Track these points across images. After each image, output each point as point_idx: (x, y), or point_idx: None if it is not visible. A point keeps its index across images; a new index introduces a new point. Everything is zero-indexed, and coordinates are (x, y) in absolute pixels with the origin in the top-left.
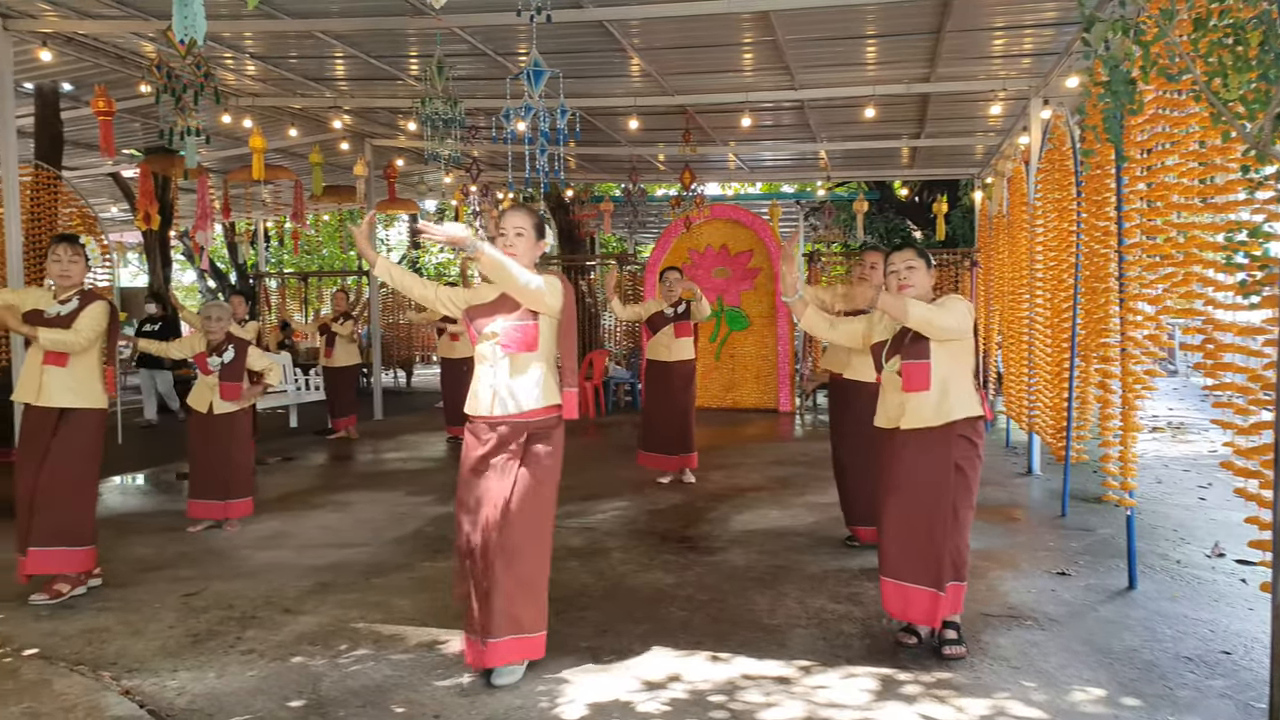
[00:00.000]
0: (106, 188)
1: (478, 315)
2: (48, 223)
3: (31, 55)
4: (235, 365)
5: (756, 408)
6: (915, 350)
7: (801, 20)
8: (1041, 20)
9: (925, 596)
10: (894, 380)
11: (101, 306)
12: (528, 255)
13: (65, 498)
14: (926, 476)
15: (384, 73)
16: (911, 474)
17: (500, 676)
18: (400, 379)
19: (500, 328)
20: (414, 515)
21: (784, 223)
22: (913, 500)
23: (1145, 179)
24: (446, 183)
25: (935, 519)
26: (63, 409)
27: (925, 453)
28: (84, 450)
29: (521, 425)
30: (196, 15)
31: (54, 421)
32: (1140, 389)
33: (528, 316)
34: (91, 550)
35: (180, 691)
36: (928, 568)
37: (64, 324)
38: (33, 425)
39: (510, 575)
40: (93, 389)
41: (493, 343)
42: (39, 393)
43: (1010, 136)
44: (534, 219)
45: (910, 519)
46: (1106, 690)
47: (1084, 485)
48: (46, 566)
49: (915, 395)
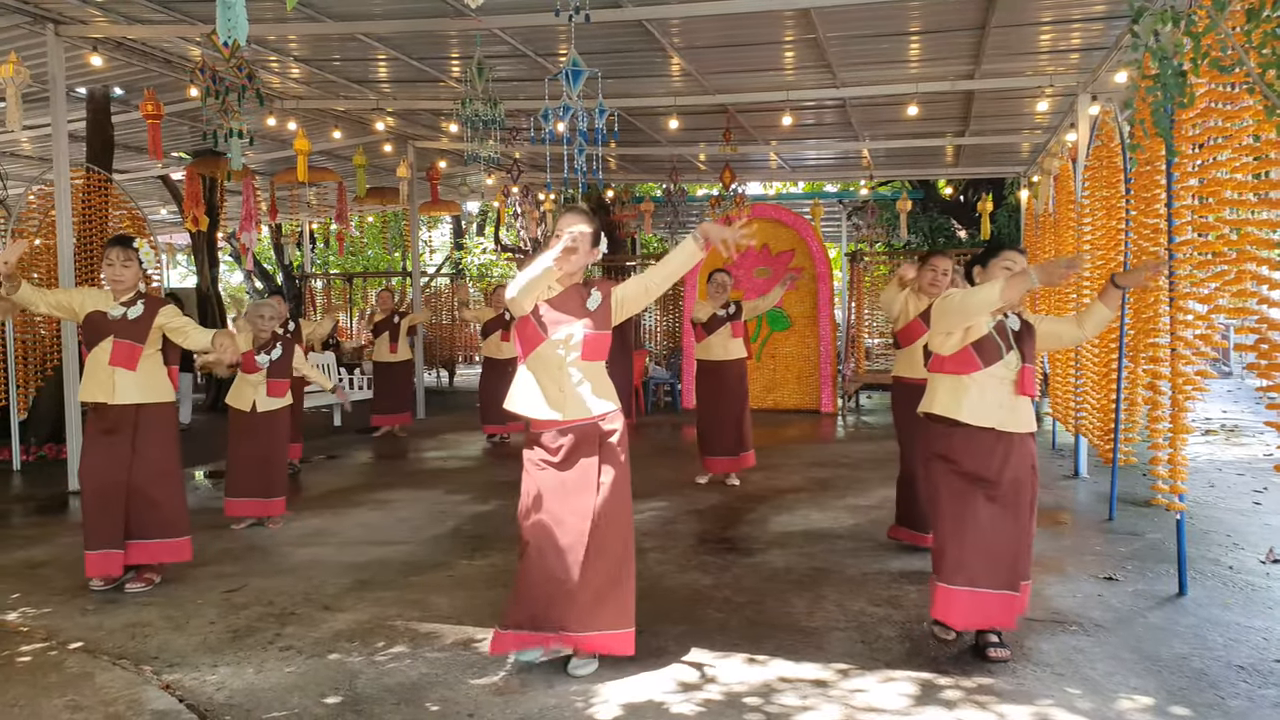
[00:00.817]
0: (156, 190)
1: (551, 313)
2: (98, 225)
3: (83, 60)
4: (283, 363)
5: (798, 408)
6: (1032, 353)
7: (843, 17)
8: (1090, 14)
9: (1005, 600)
10: (1004, 379)
11: (173, 307)
12: (581, 262)
13: (161, 489)
14: (1022, 482)
15: (426, 75)
16: (1014, 482)
17: (579, 668)
18: (443, 378)
19: (579, 334)
20: (453, 514)
21: (826, 222)
22: (1013, 507)
23: (1197, 174)
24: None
25: (1024, 523)
26: (139, 404)
27: (1022, 458)
28: (166, 442)
29: (593, 427)
30: (239, 17)
31: (133, 417)
32: (1190, 390)
33: (605, 326)
34: (188, 540)
35: (219, 687)
36: (1009, 571)
37: (135, 330)
38: (109, 423)
39: (603, 572)
40: (162, 384)
41: (565, 348)
42: (114, 392)
43: (1057, 133)
44: (592, 225)
45: (1006, 526)
46: (1154, 698)
47: (1132, 489)
48: (151, 557)
49: (1023, 400)
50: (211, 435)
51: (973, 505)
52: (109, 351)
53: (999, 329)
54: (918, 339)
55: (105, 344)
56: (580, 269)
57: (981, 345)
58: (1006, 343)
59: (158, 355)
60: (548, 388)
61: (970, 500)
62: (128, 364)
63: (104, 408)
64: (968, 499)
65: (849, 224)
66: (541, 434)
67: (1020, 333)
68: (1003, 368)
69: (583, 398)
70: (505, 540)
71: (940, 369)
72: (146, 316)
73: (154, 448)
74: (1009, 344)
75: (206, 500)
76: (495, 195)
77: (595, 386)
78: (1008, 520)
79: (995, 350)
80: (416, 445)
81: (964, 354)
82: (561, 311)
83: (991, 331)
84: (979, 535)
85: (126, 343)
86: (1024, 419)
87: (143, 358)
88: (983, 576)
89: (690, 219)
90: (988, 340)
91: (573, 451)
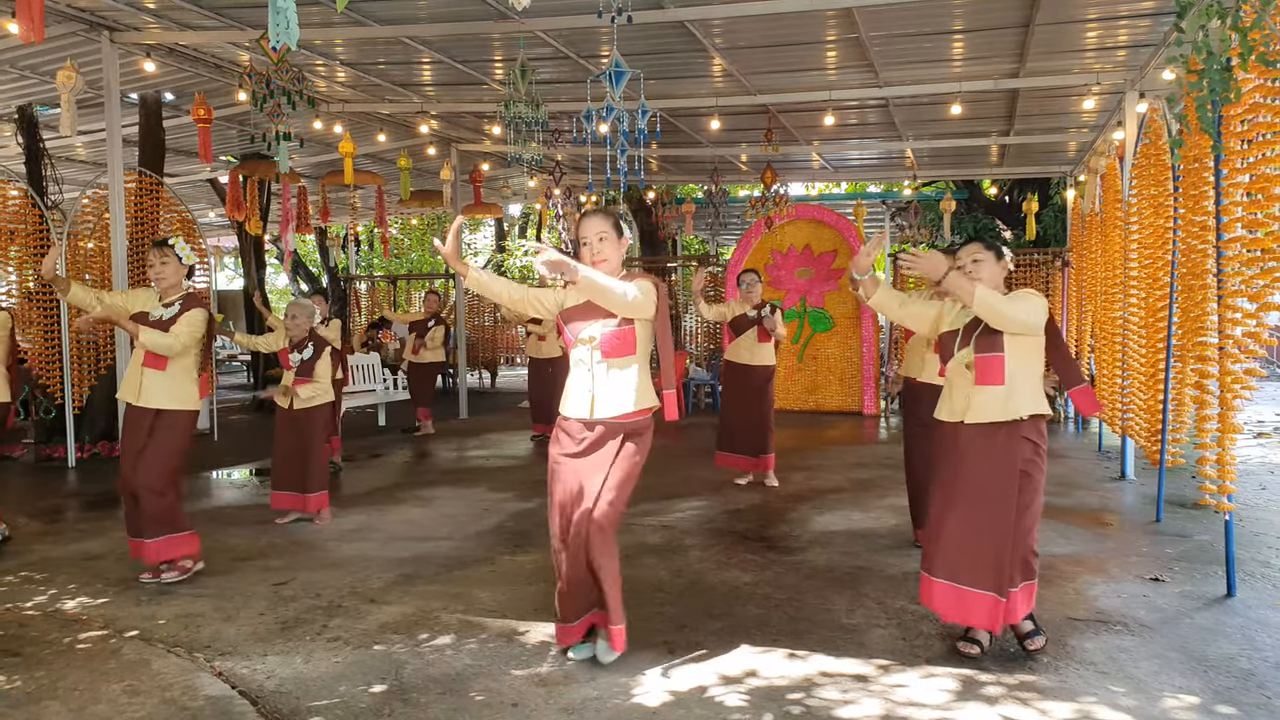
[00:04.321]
0: (205, 193)
1: (573, 318)
2: (150, 227)
3: (135, 67)
4: (309, 363)
5: (840, 410)
6: (989, 343)
7: (886, 16)
8: (1137, 10)
9: (986, 601)
10: (963, 372)
11: (199, 314)
12: (615, 256)
13: (155, 490)
14: (991, 476)
15: (469, 77)
16: (975, 472)
17: (607, 655)
18: (485, 379)
19: (598, 332)
20: (495, 510)
21: (869, 223)
22: (977, 501)
23: (1245, 171)
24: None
25: (999, 521)
26: (158, 409)
27: (990, 451)
28: (172, 447)
29: (618, 426)
30: (290, 22)
31: (150, 421)
32: (1239, 389)
33: (625, 321)
34: (193, 534)
35: (269, 675)
36: (989, 572)
37: (164, 327)
38: (131, 424)
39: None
40: (187, 392)
41: (589, 347)
42: (139, 393)
43: (1104, 132)
44: (611, 219)
45: (974, 520)
46: (1200, 698)
47: (1180, 490)
48: (162, 554)
49: (985, 389)
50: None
51: (951, 498)
52: (143, 352)
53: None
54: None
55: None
56: (618, 264)
57: (942, 343)
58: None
59: (189, 360)
60: (578, 386)
61: (948, 493)
62: (156, 364)
63: (130, 408)
64: (948, 492)
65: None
66: (567, 428)
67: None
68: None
69: (608, 397)
70: (547, 536)
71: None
72: (177, 315)
73: (159, 450)
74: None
75: (254, 497)
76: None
77: (623, 386)
78: (984, 516)
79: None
80: (459, 444)
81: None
82: (587, 312)
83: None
84: (956, 529)
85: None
86: (993, 407)
87: (174, 360)
88: (963, 574)
89: (732, 220)
90: (948, 335)
91: (592, 446)
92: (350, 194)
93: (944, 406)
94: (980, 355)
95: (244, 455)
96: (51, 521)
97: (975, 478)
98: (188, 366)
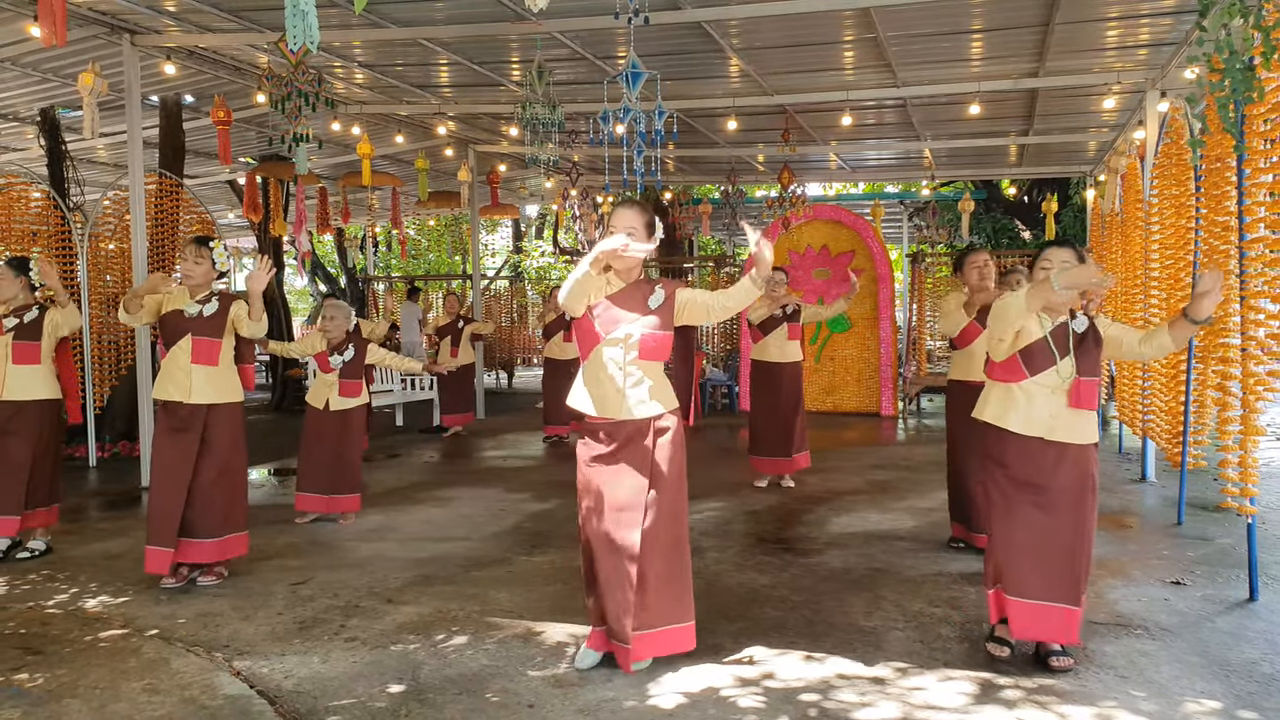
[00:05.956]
0: (224, 195)
1: (607, 313)
2: (170, 228)
3: (156, 69)
4: (355, 363)
5: (858, 411)
6: (1093, 365)
7: (903, 16)
8: (1159, 8)
9: (1064, 614)
10: (1056, 389)
11: (243, 302)
12: (641, 249)
13: (226, 488)
14: (1078, 494)
15: (486, 79)
16: (1065, 491)
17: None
18: (502, 380)
19: (637, 333)
20: (513, 511)
21: (887, 223)
22: (1065, 517)
23: (1268, 170)
24: (547, 187)
25: (1081, 536)
26: (210, 405)
27: (1078, 470)
28: (235, 441)
29: (647, 425)
30: (311, 25)
31: (203, 418)
32: (1262, 391)
33: (667, 326)
34: (245, 535)
35: (287, 674)
36: (1069, 584)
37: (212, 326)
38: (179, 422)
39: (660, 564)
40: (233, 384)
41: (623, 346)
42: (190, 392)
43: (1125, 131)
44: (645, 217)
45: (1058, 536)
46: (1222, 702)
47: (1202, 493)
48: (225, 553)
49: (1082, 412)
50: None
51: (1024, 513)
52: (189, 350)
53: (1058, 334)
54: (974, 341)
55: (184, 342)
56: (638, 264)
57: (1030, 353)
58: (1063, 350)
59: (231, 353)
60: (606, 386)
61: (1020, 508)
62: (209, 360)
63: (175, 406)
64: (1019, 506)
65: (910, 225)
66: (595, 430)
67: (1084, 338)
68: (1053, 375)
69: (639, 398)
70: (564, 537)
71: (993, 375)
72: (221, 312)
73: (223, 445)
74: (1065, 351)
75: (273, 496)
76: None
77: (653, 388)
78: (1062, 530)
79: (1045, 358)
80: (477, 445)
81: (1012, 361)
82: (621, 309)
83: (1046, 338)
84: (1032, 545)
85: (205, 339)
86: (1079, 430)
87: (220, 355)
88: (1039, 588)
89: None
90: (1037, 347)
91: (623, 447)
92: (369, 195)
93: (1015, 417)
94: (1084, 379)
95: (262, 455)
96: (73, 521)
97: (1067, 496)
98: (230, 360)
